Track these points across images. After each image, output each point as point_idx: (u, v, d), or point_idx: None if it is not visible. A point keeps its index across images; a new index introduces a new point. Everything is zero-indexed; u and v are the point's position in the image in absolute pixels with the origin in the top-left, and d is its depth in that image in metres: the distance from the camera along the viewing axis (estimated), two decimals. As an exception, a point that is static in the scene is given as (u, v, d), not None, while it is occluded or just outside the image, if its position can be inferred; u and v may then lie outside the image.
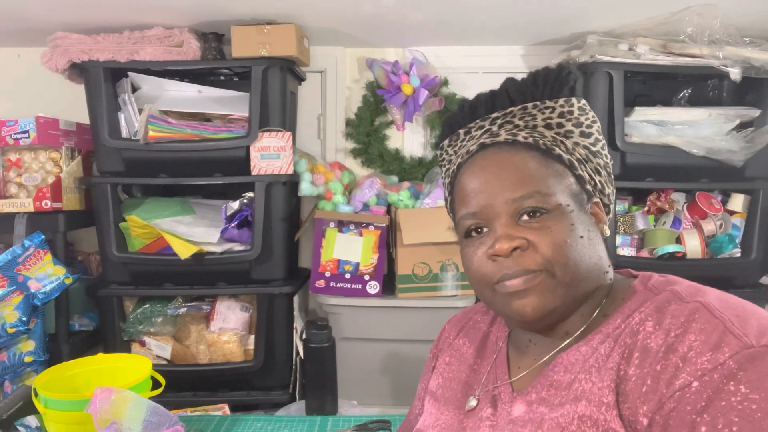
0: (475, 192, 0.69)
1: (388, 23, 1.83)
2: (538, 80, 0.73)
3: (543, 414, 0.63)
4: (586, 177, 0.70)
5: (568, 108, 0.71)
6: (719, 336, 0.54)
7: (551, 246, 0.64)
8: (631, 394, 0.57)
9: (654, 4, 1.64)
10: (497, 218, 0.67)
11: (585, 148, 0.71)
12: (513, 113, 0.73)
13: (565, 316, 0.69)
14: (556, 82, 0.72)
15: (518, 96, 0.73)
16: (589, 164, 0.71)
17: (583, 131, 0.71)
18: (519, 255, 0.65)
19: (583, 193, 0.70)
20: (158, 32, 1.76)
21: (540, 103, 0.72)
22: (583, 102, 0.73)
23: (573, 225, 0.66)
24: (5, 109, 1.97)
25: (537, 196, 0.66)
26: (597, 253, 0.68)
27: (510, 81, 0.74)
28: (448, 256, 1.79)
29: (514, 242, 0.65)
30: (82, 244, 2.19)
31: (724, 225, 1.88)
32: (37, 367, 1.71)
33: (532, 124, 0.71)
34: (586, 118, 0.72)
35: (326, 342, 1.59)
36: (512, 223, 0.67)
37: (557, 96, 0.72)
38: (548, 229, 0.65)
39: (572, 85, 0.73)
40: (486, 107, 0.75)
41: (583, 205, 0.69)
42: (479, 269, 0.68)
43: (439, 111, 2.06)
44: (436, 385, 0.83)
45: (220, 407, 1.73)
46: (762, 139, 1.75)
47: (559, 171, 0.69)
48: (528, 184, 0.67)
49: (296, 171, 1.85)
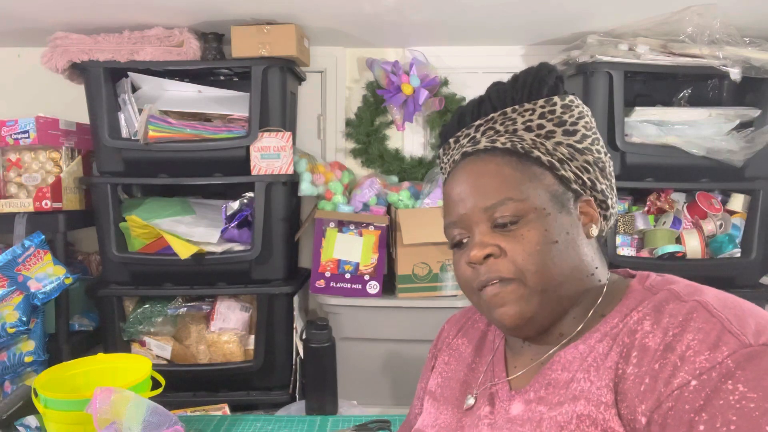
0: (455, 201, 0.72)
1: (388, 23, 1.83)
2: (518, 83, 0.73)
3: (542, 413, 0.63)
4: (570, 176, 0.70)
5: (549, 108, 0.71)
6: (717, 335, 0.55)
7: (522, 254, 0.66)
8: (630, 393, 0.57)
9: (654, 4, 1.64)
10: (475, 226, 0.70)
11: (569, 146, 0.70)
12: (494, 119, 0.73)
13: (550, 321, 0.69)
14: (534, 83, 0.72)
15: (498, 101, 0.74)
16: (574, 162, 0.70)
17: (567, 129, 0.71)
18: (492, 262, 0.67)
19: (567, 193, 0.70)
20: (158, 32, 1.75)
21: (519, 106, 0.72)
22: (570, 98, 0.73)
23: (547, 230, 0.66)
24: (5, 109, 1.97)
25: (509, 203, 0.67)
26: (578, 256, 0.68)
27: (493, 86, 0.75)
28: (448, 256, 1.78)
29: (486, 249, 0.67)
30: (82, 244, 2.19)
31: (724, 225, 1.88)
32: (37, 367, 1.71)
33: (512, 128, 0.71)
34: (570, 115, 0.71)
35: (326, 342, 1.59)
36: (487, 230, 0.69)
37: (537, 97, 0.72)
38: (521, 236, 0.67)
39: (552, 84, 0.72)
40: (472, 114, 0.75)
41: (566, 206, 0.69)
42: (462, 276, 0.72)
43: (439, 111, 2.06)
44: (435, 384, 0.83)
45: (220, 407, 1.73)
46: (762, 139, 1.75)
47: (536, 174, 0.69)
48: (501, 191, 0.68)
49: (296, 171, 1.85)
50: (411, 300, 1.79)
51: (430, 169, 2.07)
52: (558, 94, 0.72)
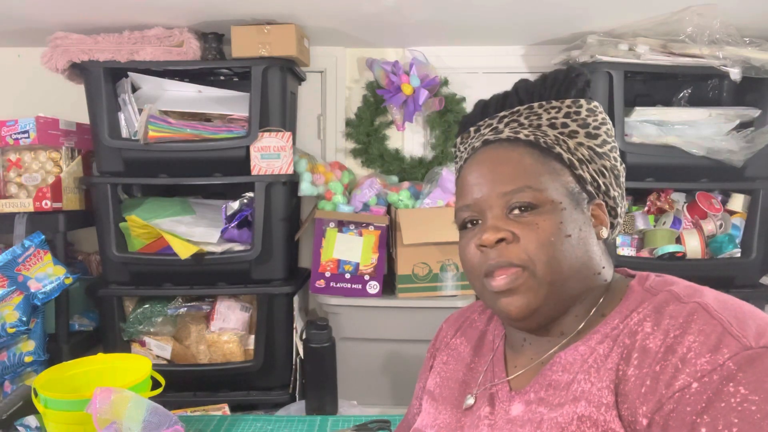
0: (471, 185, 0.71)
1: (388, 23, 1.83)
2: (547, 81, 0.74)
3: (542, 414, 0.63)
4: (587, 177, 0.70)
5: (575, 108, 0.72)
6: (718, 337, 0.55)
7: (535, 242, 0.66)
8: (631, 394, 0.57)
9: (654, 4, 1.64)
10: (489, 210, 0.69)
11: (589, 149, 0.71)
12: (519, 112, 0.74)
13: (554, 316, 0.69)
14: (564, 83, 0.73)
15: (526, 96, 0.74)
16: (593, 165, 0.71)
17: (589, 132, 0.72)
18: (504, 247, 0.67)
19: (582, 193, 0.70)
20: (158, 32, 1.75)
21: (546, 103, 0.73)
22: (595, 104, 0.74)
23: (562, 223, 0.66)
24: (5, 109, 1.97)
25: (528, 191, 0.67)
26: (587, 254, 0.68)
27: (521, 82, 0.76)
28: (448, 256, 1.79)
29: (500, 234, 0.67)
30: (82, 244, 2.19)
31: (724, 225, 1.88)
32: (37, 367, 1.71)
33: (536, 123, 0.72)
34: (594, 119, 0.72)
35: (326, 342, 1.60)
36: (502, 216, 0.68)
37: (564, 97, 0.73)
38: (535, 225, 0.66)
39: (581, 87, 0.73)
40: (496, 106, 0.76)
41: (580, 204, 0.69)
42: (470, 259, 0.71)
43: (439, 111, 2.06)
44: (433, 384, 0.83)
45: (220, 407, 1.73)
46: (762, 139, 1.75)
47: (556, 169, 0.69)
48: (521, 178, 0.68)
49: (296, 171, 1.85)
50: (411, 300, 1.79)
51: (430, 169, 2.07)
52: (584, 98, 0.73)
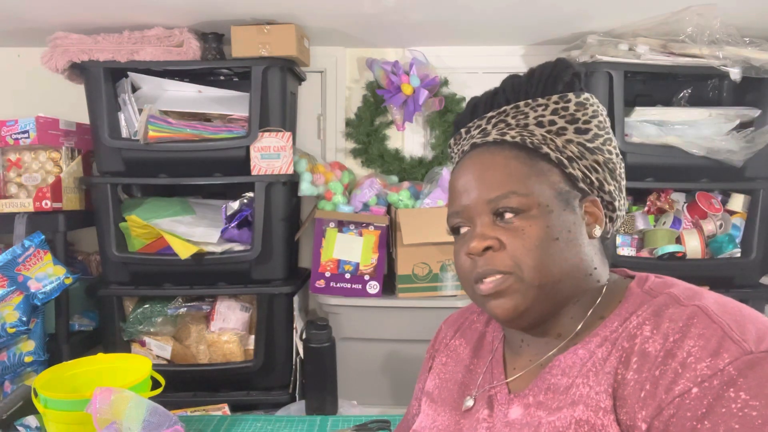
0: (460, 192, 0.72)
1: (388, 23, 1.83)
2: (533, 77, 0.73)
3: (540, 418, 0.63)
4: (578, 175, 0.69)
5: (563, 104, 0.71)
6: (718, 341, 0.54)
7: (521, 249, 0.66)
8: (630, 398, 0.57)
9: (654, 4, 1.64)
10: (477, 217, 0.69)
11: (579, 145, 0.70)
12: (506, 112, 0.73)
13: (545, 316, 0.69)
14: (549, 78, 0.72)
15: (512, 95, 0.73)
16: (583, 161, 0.69)
17: (579, 127, 0.70)
18: (491, 255, 0.67)
19: (573, 192, 0.69)
20: (158, 32, 1.75)
21: (532, 101, 0.71)
22: (585, 96, 0.72)
23: (549, 227, 0.66)
24: (5, 109, 1.97)
25: (513, 196, 0.67)
26: (577, 255, 0.67)
27: (508, 79, 0.75)
28: (448, 256, 1.78)
29: (486, 242, 0.67)
30: (82, 244, 2.19)
31: (724, 225, 1.88)
32: (37, 367, 1.71)
33: (523, 122, 0.71)
34: (584, 113, 0.70)
35: (326, 342, 1.60)
36: (489, 222, 0.68)
37: (551, 92, 0.71)
38: (521, 231, 0.66)
39: (568, 80, 0.72)
40: (485, 106, 0.75)
41: (571, 204, 0.68)
42: (461, 266, 0.71)
43: (439, 111, 2.06)
44: (432, 385, 0.82)
45: (220, 407, 1.73)
46: (762, 139, 1.75)
47: (544, 170, 0.68)
48: (506, 184, 0.67)
49: (296, 171, 1.85)
50: (411, 300, 1.79)
51: (430, 169, 2.07)
52: (573, 91, 0.71)
